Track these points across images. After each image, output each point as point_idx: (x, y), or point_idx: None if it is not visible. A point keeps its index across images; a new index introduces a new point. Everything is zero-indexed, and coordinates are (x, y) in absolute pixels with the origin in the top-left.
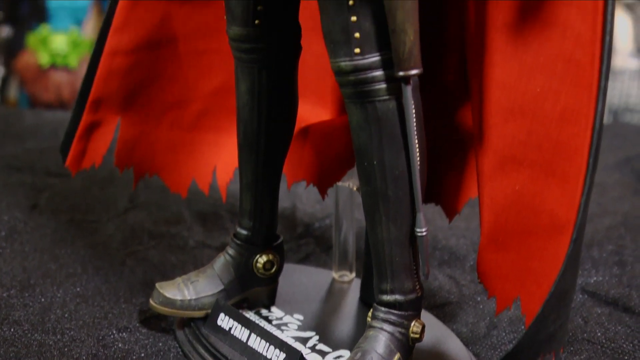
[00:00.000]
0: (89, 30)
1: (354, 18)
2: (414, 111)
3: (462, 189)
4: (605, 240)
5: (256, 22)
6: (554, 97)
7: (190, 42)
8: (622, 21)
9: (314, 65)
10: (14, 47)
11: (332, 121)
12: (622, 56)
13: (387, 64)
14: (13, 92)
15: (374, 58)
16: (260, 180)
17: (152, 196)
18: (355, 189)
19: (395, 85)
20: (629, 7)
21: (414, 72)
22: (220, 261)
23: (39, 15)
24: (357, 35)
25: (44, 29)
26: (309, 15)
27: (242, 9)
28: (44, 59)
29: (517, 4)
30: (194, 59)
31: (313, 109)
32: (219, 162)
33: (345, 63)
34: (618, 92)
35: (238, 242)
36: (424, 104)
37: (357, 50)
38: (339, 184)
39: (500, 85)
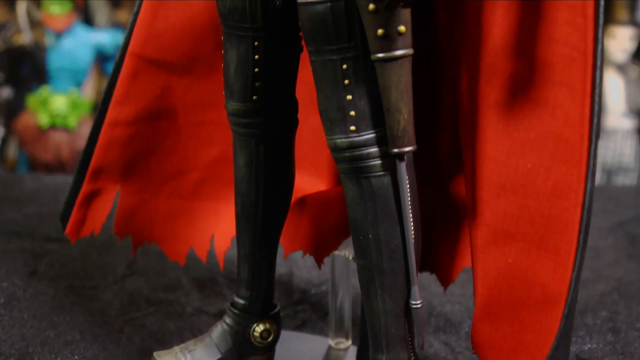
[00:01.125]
0: (89, 91)
1: (349, 97)
2: (408, 186)
3: (456, 259)
4: (599, 307)
5: (254, 98)
6: (545, 173)
7: (189, 113)
8: (614, 82)
9: (311, 137)
10: (14, 108)
11: (328, 192)
12: (614, 116)
13: (382, 141)
14: (12, 152)
15: (369, 135)
16: (258, 251)
17: (150, 262)
18: (351, 257)
19: (389, 161)
20: (621, 69)
21: (408, 149)
22: (218, 330)
23: (40, 76)
24: (352, 113)
25: (44, 90)
26: (305, 89)
27: (240, 85)
28: (43, 119)
29: (508, 83)
30: (193, 129)
31: (309, 180)
32: (217, 230)
33: (341, 140)
34: (611, 151)
35: (235, 311)
36: (418, 175)
37: (352, 127)
38: (336, 252)
39: (492, 161)
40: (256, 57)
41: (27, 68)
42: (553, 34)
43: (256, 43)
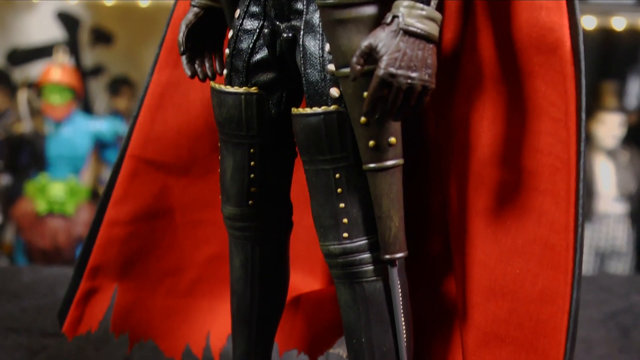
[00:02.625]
0: (87, 178)
1: (342, 205)
2: (400, 291)
3: (448, 359)
4: None
5: (250, 202)
6: (533, 278)
7: (186, 213)
8: (605, 167)
9: (305, 236)
10: (12, 195)
11: (323, 291)
12: (606, 200)
13: (374, 247)
14: (9, 237)
15: (362, 242)
16: (253, 352)
17: (146, 358)
18: (345, 356)
19: (382, 266)
20: (611, 154)
21: (399, 255)
22: None
23: (39, 164)
24: (345, 220)
25: (42, 178)
26: (299, 189)
27: (236, 191)
28: (41, 206)
29: (495, 191)
30: (189, 229)
31: (304, 279)
32: (213, 327)
33: (334, 246)
34: (604, 235)
35: None
36: (410, 276)
37: (345, 234)
38: (330, 351)
39: (481, 265)
40: (252, 163)
41: (27, 156)
42: (538, 145)
43: (252, 150)
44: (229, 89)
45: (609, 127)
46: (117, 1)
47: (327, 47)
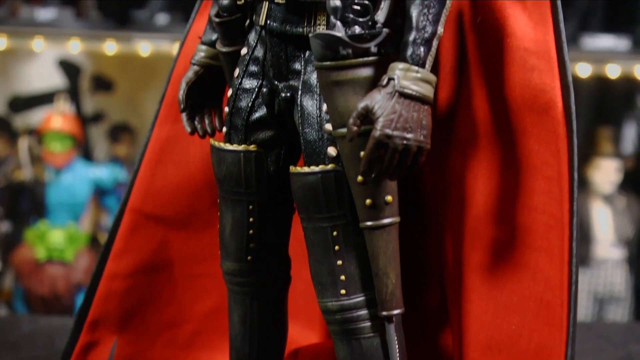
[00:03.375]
0: (86, 224)
1: (339, 262)
2: (397, 347)
3: None
4: None
5: (249, 258)
6: (528, 334)
7: (185, 266)
8: (602, 213)
9: (303, 289)
10: (11, 242)
11: (321, 344)
12: (604, 246)
13: (371, 304)
14: (8, 284)
15: (359, 298)
16: None
17: None
18: None
19: (379, 322)
20: (608, 199)
21: (396, 312)
22: None
23: (38, 211)
24: (342, 277)
25: (42, 225)
26: (297, 243)
27: (235, 247)
28: (40, 253)
29: (490, 247)
30: (189, 282)
31: (302, 332)
32: None
33: (332, 303)
34: (602, 280)
35: None
36: (408, 330)
37: (342, 291)
38: None
39: (478, 321)
40: (251, 219)
41: (26, 203)
42: (532, 203)
43: (251, 207)
44: (228, 146)
45: (606, 173)
46: (118, 50)
47: (325, 107)
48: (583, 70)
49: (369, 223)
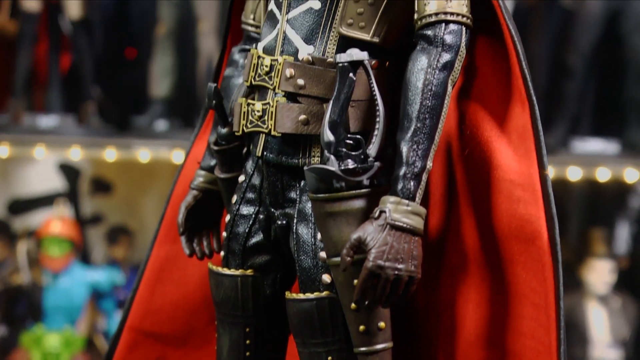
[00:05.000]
0: (83, 327)
1: None
2: None
3: None
4: None
5: None
6: None
7: None
8: (597, 314)
9: None
10: (7, 346)
11: None
12: (600, 347)
13: None
14: None
15: None
16: None
17: None
18: None
19: None
20: (603, 300)
21: None
22: None
23: (35, 315)
24: None
25: (38, 329)
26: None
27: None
28: (36, 358)
29: None
30: None
31: None
32: None
33: None
34: None
35: None
36: None
37: None
38: None
39: None
40: (247, 342)
41: (23, 307)
42: (521, 328)
43: (247, 329)
44: (225, 271)
45: (600, 274)
46: (118, 157)
47: (319, 235)
48: (574, 173)
49: (362, 349)
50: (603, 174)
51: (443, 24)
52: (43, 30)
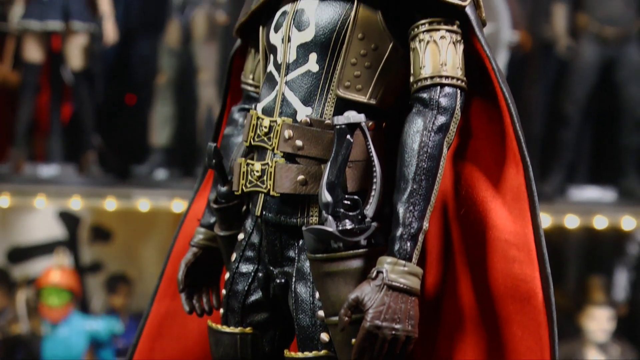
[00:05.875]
0: None
1: None
2: None
3: None
4: None
5: None
6: None
7: None
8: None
9: None
10: None
11: None
12: None
13: None
14: None
15: None
16: None
17: None
18: None
19: None
20: (602, 348)
21: None
22: None
23: None
24: None
25: None
26: None
27: None
28: None
29: None
30: None
31: None
32: None
33: None
34: None
35: None
36: None
37: None
38: None
39: None
40: None
41: (22, 356)
42: None
43: None
44: (225, 329)
45: (599, 322)
46: (118, 206)
47: (317, 294)
48: (571, 221)
49: None
50: (600, 222)
51: (438, 87)
52: (45, 80)
